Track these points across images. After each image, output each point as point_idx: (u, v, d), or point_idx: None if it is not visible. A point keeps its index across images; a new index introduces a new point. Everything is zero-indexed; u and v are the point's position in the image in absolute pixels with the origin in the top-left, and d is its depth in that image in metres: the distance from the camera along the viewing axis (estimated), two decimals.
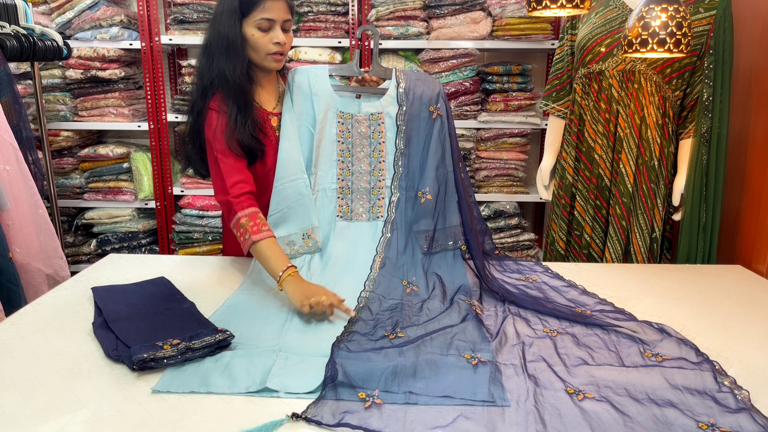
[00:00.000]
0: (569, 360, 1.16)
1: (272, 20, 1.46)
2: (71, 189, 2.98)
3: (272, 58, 1.50)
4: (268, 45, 1.48)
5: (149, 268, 1.64)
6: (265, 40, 1.48)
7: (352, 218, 1.60)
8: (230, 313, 1.34)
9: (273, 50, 1.49)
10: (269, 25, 1.47)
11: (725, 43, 1.78)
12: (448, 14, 2.75)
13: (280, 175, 1.56)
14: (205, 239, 2.95)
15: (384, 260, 1.50)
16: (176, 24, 2.82)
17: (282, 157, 1.56)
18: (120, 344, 1.15)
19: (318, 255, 1.57)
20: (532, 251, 2.97)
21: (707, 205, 1.86)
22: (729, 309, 1.45)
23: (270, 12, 1.46)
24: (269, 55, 1.50)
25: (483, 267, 1.54)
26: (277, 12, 1.46)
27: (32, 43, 2.23)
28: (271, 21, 1.46)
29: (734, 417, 0.97)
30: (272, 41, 1.48)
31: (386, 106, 1.60)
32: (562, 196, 2.07)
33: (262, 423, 0.93)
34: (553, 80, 2.14)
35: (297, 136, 1.57)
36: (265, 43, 1.48)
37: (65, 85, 2.89)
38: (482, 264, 1.54)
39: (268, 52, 1.49)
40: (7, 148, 1.96)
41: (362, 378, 1.04)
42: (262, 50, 1.49)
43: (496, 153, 2.91)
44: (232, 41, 1.46)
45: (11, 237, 1.94)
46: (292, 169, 1.56)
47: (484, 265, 1.55)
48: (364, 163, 1.60)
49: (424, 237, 1.56)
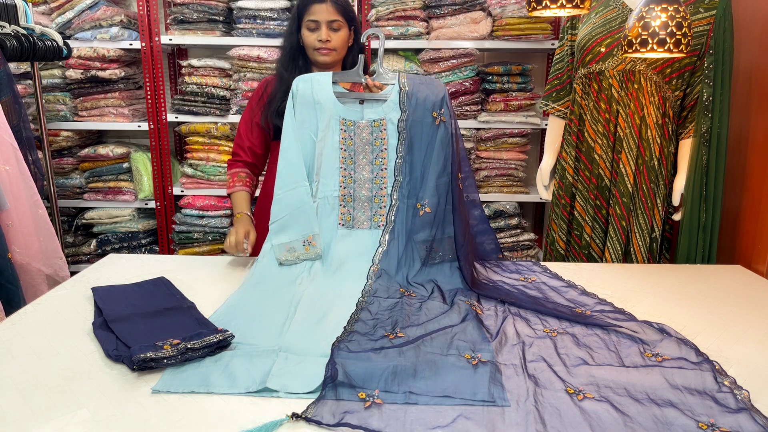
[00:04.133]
0: (569, 360, 1.16)
1: (318, 21, 1.72)
2: (71, 189, 2.98)
3: (318, 53, 1.75)
4: (315, 42, 1.74)
5: (149, 268, 1.64)
6: (312, 38, 1.74)
7: (354, 226, 1.59)
8: (230, 313, 1.34)
9: (318, 46, 1.74)
10: (315, 26, 1.73)
11: (725, 43, 1.78)
12: (448, 14, 2.75)
13: (282, 183, 1.58)
14: (205, 239, 2.95)
15: (380, 271, 1.49)
16: (176, 24, 2.82)
17: (283, 165, 1.59)
18: (120, 344, 1.15)
19: (319, 262, 1.56)
20: (532, 251, 2.97)
21: (707, 205, 1.86)
22: (729, 309, 1.45)
23: (315, 14, 1.72)
24: (315, 50, 1.75)
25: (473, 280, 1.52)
26: (322, 14, 1.72)
27: (32, 43, 2.23)
28: (317, 22, 1.73)
29: (734, 417, 0.97)
30: (318, 39, 1.73)
31: (388, 111, 1.59)
32: (562, 196, 2.07)
33: (262, 423, 0.93)
34: (553, 80, 2.14)
35: (299, 144, 1.58)
36: (311, 41, 1.74)
37: (65, 85, 2.89)
38: (471, 278, 1.53)
39: (314, 47, 1.75)
40: (7, 148, 1.96)
41: (362, 378, 1.04)
42: (310, 46, 1.76)
43: (496, 153, 2.91)
44: (287, 42, 1.80)
45: (11, 237, 1.94)
46: (293, 177, 1.58)
47: (473, 279, 1.54)
48: (366, 170, 1.59)
49: (425, 247, 1.55)
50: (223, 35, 2.84)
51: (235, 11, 2.80)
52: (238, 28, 2.80)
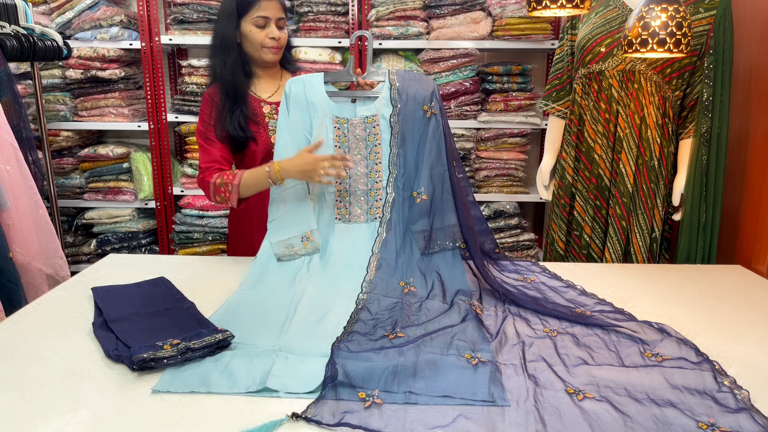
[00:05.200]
0: (569, 360, 1.16)
1: (267, 18, 1.65)
2: (71, 189, 2.98)
3: (269, 50, 1.68)
4: (265, 39, 1.66)
5: (149, 268, 1.64)
6: (261, 35, 1.66)
7: (351, 220, 1.61)
8: (230, 313, 1.34)
9: (269, 44, 1.67)
10: (265, 22, 1.65)
11: (725, 43, 1.78)
12: (448, 14, 2.75)
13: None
14: (205, 239, 2.95)
15: (380, 261, 1.50)
16: (176, 24, 2.82)
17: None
18: (120, 344, 1.15)
19: (317, 256, 1.57)
20: (531, 251, 2.97)
21: (707, 205, 1.86)
22: (729, 309, 1.45)
23: (265, 10, 1.65)
24: (265, 48, 1.67)
25: (482, 265, 1.54)
26: (272, 10, 1.65)
27: (32, 43, 2.23)
28: (267, 18, 1.65)
29: (734, 417, 0.97)
30: (268, 36, 1.66)
31: (380, 108, 1.62)
32: (562, 196, 2.07)
33: (262, 423, 0.93)
34: (553, 80, 2.14)
35: (294, 144, 1.60)
36: (261, 38, 1.66)
37: (65, 85, 2.89)
38: (481, 262, 1.54)
39: (265, 45, 1.67)
40: (7, 148, 1.96)
41: (362, 378, 1.04)
42: (257, 43, 1.66)
43: (496, 153, 2.91)
44: (226, 40, 1.66)
45: (11, 237, 1.94)
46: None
47: (483, 263, 1.55)
48: (361, 165, 1.61)
49: (422, 237, 1.56)
50: None
51: None
52: None
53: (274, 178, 1.54)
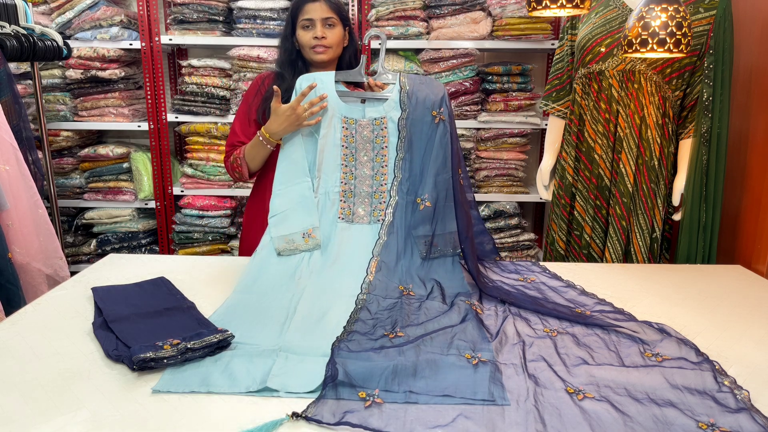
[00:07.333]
0: (569, 360, 1.16)
1: (312, 19, 1.73)
2: (71, 189, 2.98)
3: (314, 51, 1.74)
4: (310, 40, 1.74)
5: (149, 268, 1.64)
6: (307, 36, 1.74)
7: (354, 221, 1.61)
8: (230, 313, 1.34)
9: (314, 44, 1.74)
10: (310, 24, 1.73)
11: (725, 43, 1.78)
12: (448, 14, 2.75)
13: (283, 179, 1.60)
14: (205, 239, 2.95)
15: (380, 263, 1.50)
16: (176, 24, 2.82)
17: (285, 162, 1.61)
18: (120, 344, 1.15)
19: (318, 253, 1.57)
20: (532, 251, 2.97)
21: (707, 205, 1.86)
22: (729, 309, 1.45)
23: (309, 13, 1.73)
24: (311, 48, 1.74)
25: (478, 273, 1.53)
26: (316, 12, 1.72)
27: (32, 43, 2.23)
28: (311, 20, 1.73)
29: (734, 417, 0.97)
30: (313, 36, 1.73)
31: (389, 110, 1.61)
32: (562, 196, 2.07)
33: (262, 423, 0.93)
34: (553, 80, 2.14)
35: (301, 140, 1.61)
36: (307, 39, 1.74)
37: (65, 85, 2.89)
38: (477, 271, 1.54)
39: (310, 45, 1.74)
40: (7, 148, 1.96)
41: (362, 377, 1.04)
42: (306, 45, 1.75)
43: (496, 153, 2.91)
44: (284, 46, 1.81)
45: (11, 237, 1.94)
46: (295, 174, 1.60)
47: (479, 272, 1.55)
48: (367, 167, 1.61)
49: (424, 242, 1.56)
50: (223, 35, 2.84)
51: (235, 11, 2.80)
52: (238, 28, 2.80)
53: (267, 142, 1.66)
